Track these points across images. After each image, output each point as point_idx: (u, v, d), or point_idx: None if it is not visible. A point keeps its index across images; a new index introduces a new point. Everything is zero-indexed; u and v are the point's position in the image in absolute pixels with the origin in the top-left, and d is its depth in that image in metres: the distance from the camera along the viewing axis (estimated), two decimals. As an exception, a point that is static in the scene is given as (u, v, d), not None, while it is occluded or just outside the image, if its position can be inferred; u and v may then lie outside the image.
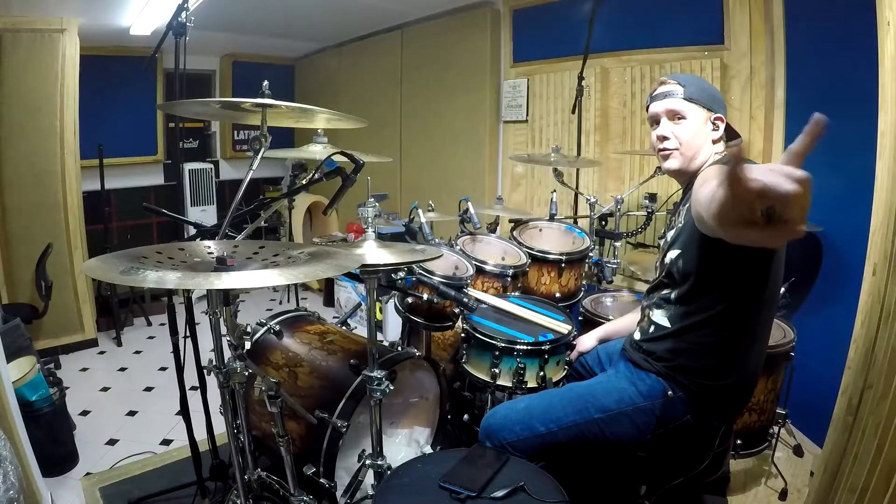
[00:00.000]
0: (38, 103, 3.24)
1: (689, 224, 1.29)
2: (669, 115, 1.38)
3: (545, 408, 1.39)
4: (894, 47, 1.41)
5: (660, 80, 1.42)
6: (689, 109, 1.36)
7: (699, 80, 1.42)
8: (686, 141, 1.36)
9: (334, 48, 5.06)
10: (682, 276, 1.31)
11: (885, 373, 1.34)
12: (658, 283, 1.42)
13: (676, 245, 1.33)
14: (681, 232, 1.33)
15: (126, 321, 4.00)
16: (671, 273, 1.34)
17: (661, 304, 1.39)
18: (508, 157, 3.61)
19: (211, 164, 4.90)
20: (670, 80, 1.40)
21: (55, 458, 2.24)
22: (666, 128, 1.38)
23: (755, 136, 2.60)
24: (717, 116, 1.38)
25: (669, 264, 1.34)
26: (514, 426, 1.37)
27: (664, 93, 1.38)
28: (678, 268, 1.32)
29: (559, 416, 1.36)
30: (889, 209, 1.42)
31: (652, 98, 1.43)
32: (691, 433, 1.31)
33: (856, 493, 1.36)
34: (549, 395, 1.46)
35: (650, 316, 1.43)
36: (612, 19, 2.95)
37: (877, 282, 1.44)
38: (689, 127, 1.36)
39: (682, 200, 1.46)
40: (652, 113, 1.42)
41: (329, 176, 1.45)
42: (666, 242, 1.41)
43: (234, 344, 1.35)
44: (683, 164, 1.38)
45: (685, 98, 1.36)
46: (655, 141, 1.43)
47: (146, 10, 3.35)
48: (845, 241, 2.12)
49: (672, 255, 1.34)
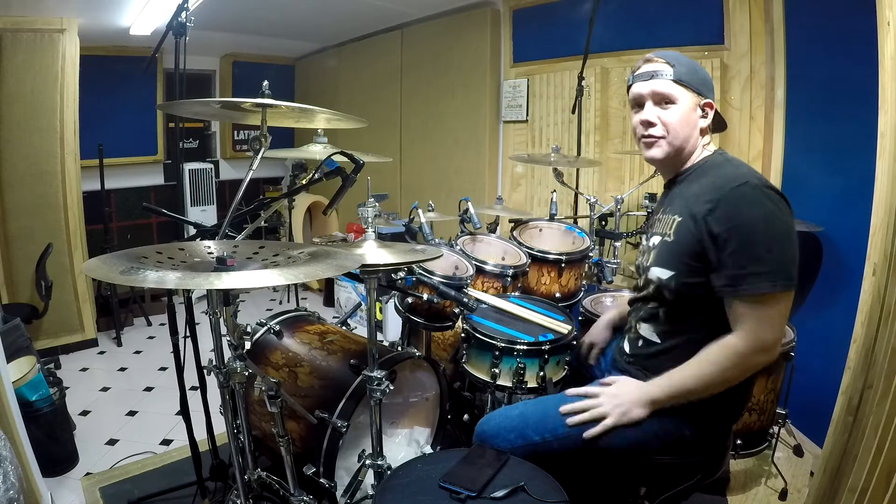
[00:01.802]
0: (38, 103, 3.24)
1: (681, 241, 1.19)
2: (656, 98, 1.23)
3: (540, 416, 1.30)
4: (894, 47, 1.41)
5: (645, 58, 1.26)
6: (678, 93, 1.22)
7: (688, 59, 1.26)
8: (674, 128, 1.23)
9: (334, 48, 5.07)
10: (675, 297, 1.21)
11: (885, 373, 1.34)
12: (645, 296, 1.31)
13: (666, 264, 1.22)
14: (671, 249, 1.22)
15: (126, 321, 4.00)
16: (661, 293, 1.24)
17: (649, 318, 1.30)
18: (508, 157, 3.61)
19: (211, 164, 4.89)
20: (657, 57, 1.24)
21: (55, 458, 2.24)
22: (651, 112, 1.24)
23: (755, 136, 2.60)
24: (707, 102, 1.25)
25: (659, 284, 1.23)
26: (509, 434, 1.29)
27: (651, 72, 1.23)
28: (670, 290, 1.21)
29: (554, 426, 1.26)
30: (889, 209, 1.42)
31: (635, 77, 1.27)
32: (687, 446, 1.24)
33: (856, 493, 1.35)
34: (544, 404, 1.36)
35: (637, 329, 1.34)
36: (612, 19, 2.95)
37: (877, 282, 1.44)
38: (678, 112, 1.22)
39: (664, 199, 1.37)
40: (635, 94, 1.27)
41: (329, 176, 1.45)
42: (649, 251, 1.30)
43: (234, 344, 1.34)
44: (669, 153, 1.26)
45: (674, 80, 1.21)
46: (638, 126, 1.28)
47: (146, 10, 3.35)
48: (845, 241, 2.11)
49: (661, 275, 1.23)
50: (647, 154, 1.29)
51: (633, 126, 1.32)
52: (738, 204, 1.12)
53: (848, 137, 2.14)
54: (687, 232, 1.18)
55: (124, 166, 4.54)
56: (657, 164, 1.33)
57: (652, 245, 1.30)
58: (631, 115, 1.32)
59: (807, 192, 2.27)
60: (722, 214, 1.12)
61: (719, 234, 1.12)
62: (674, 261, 1.21)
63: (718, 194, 1.14)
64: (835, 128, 2.24)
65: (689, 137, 1.26)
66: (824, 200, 2.22)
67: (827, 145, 2.29)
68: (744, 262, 1.09)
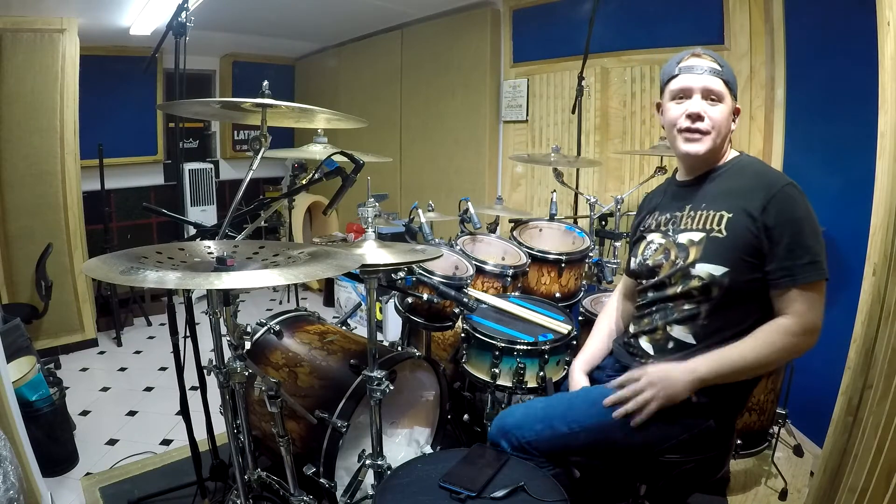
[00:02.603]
0: (38, 103, 3.24)
1: (737, 237, 1.19)
2: (705, 93, 1.24)
3: (566, 408, 1.30)
4: (894, 47, 1.41)
5: (693, 52, 1.27)
6: (725, 92, 1.24)
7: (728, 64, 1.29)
8: (719, 125, 1.24)
9: (334, 48, 5.07)
10: (725, 294, 1.20)
11: (885, 373, 1.34)
12: (677, 294, 1.26)
13: (718, 260, 1.20)
14: (724, 244, 1.21)
15: (126, 321, 4.00)
16: (708, 290, 1.21)
17: (684, 320, 1.26)
18: (508, 157, 3.61)
19: (211, 164, 4.89)
20: (706, 54, 1.26)
21: (55, 458, 2.24)
22: (700, 105, 1.24)
23: (755, 136, 2.60)
24: (737, 108, 1.30)
25: (709, 281, 1.21)
26: (535, 424, 1.28)
27: (704, 67, 1.24)
28: (722, 286, 1.20)
29: (581, 418, 1.26)
30: (889, 209, 1.42)
31: (682, 68, 1.26)
32: (712, 437, 1.25)
33: (856, 493, 1.35)
34: (568, 397, 1.36)
35: (668, 331, 1.28)
36: (612, 19, 2.95)
37: (877, 282, 1.44)
38: (723, 111, 1.25)
39: (687, 195, 1.33)
40: (683, 86, 1.26)
41: (329, 176, 1.45)
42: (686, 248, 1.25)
43: (234, 344, 1.34)
44: (710, 150, 1.26)
45: (723, 79, 1.24)
46: (682, 119, 1.26)
47: (146, 10, 3.35)
48: (845, 241, 2.11)
49: (714, 271, 1.20)
50: (687, 148, 1.28)
51: (672, 118, 1.29)
52: (787, 202, 1.18)
53: (848, 137, 2.14)
54: (743, 227, 1.20)
55: (124, 166, 4.54)
56: (692, 160, 1.31)
57: (689, 242, 1.26)
58: (668, 106, 1.30)
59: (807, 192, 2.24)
60: (776, 210, 1.18)
61: (774, 227, 1.17)
62: (729, 256, 1.20)
63: (771, 192, 1.19)
64: (835, 128, 2.24)
65: (726, 137, 1.29)
66: (824, 200, 2.21)
67: (827, 145, 2.29)
68: (799, 253, 1.17)
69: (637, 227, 1.50)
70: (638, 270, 1.40)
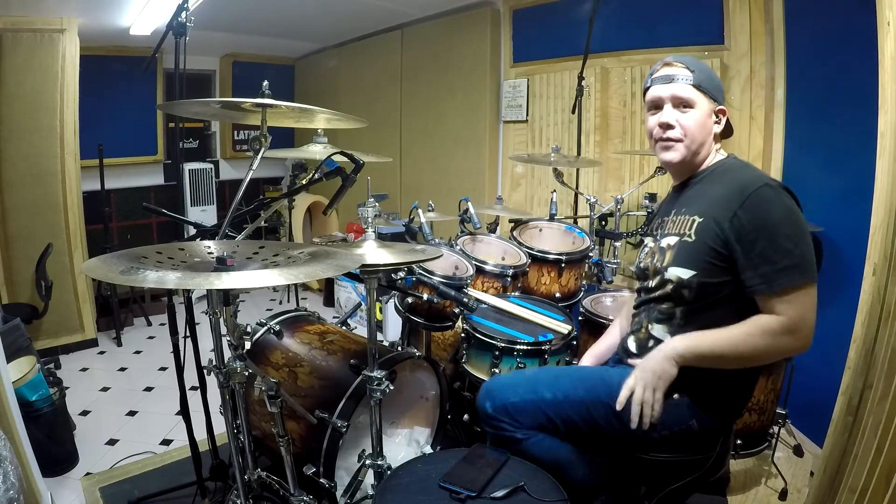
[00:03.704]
0: (38, 103, 3.24)
1: (704, 242, 1.21)
2: (675, 101, 1.27)
3: (554, 378, 1.33)
4: (894, 47, 1.41)
5: (664, 61, 1.30)
6: (696, 97, 1.26)
7: (706, 66, 1.30)
8: (692, 132, 1.26)
9: (334, 48, 5.07)
10: (696, 296, 1.22)
11: (885, 373, 1.34)
12: (657, 296, 1.30)
13: (686, 264, 1.23)
14: (692, 249, 1.23)
15: (126, 321, 4.00)
16: (680, 293, 1.24)
17: (662, 319, 1.30)
18: (508, 157, 3.61)
19: (211, 164, 4.89)
20: (677, 62, 1.28)
21: (55, 458, 2.24)
22: (670, 115, 1.27)
23: (755, 136, 2.60)
24: (721, 108, 1.30)
25: (678, 284, 1.24)
26: (519, 388, 1.30)
27: (670, 76, 1.27)
28: (690, 289, 1.22)
29: (567, 388, 1.28)
30: (889, 209, 1.42)
31: (654, 80, 1.30)
32: (697, 438, 1.26)
33: (856, 493, 1.35)
34: (558, 370, 1.39)
35: (649, 329, 1.33)
36: (612, 19, 2.95)
37: (877, 282, 1.44)
38: (696, 117, 1.26)
39: (675, 200, 1.37)
40: (654, 97, 1.30)
41: (329, 176, 1.45)
42: (664, 252, 1.29)
43: (234, 344, 1.34)
44: (686, 157, 1.29)
45: (694, 84, 1.25)
46: (655, 129, 1.30)
47: (146, 10, 3.35)
48: (845, 241, 2.11)
49: (682, 274, 1.23)
50: (663, 157, 1.32)
51: (648, 128, 1.34)
52: (761, 205, 1.16)
53: (848, 137, 2.14)
54: (710, 232, 1.21)
55: (124, 166, 4.54)
56: (672, 168, 1.35)
57: (667, 245, 1.30)
58: (647, 117, 1.35)
59: (807, 191, 2.25)
60: (747, 216, 1.16)
61: (746, 234, 1.16)
62: (696, 260, 1.22)
63: (742, 197, 1.18)
64: (835, 128, 2.24)
65: (704, 142, 1.29)
66: (824, 200, 2.22)
67: (827, 145, 2.28)
68: (775, 257, 1.13)
69: (645, 231, 1.52)
70: (635, 273, 1.44)
